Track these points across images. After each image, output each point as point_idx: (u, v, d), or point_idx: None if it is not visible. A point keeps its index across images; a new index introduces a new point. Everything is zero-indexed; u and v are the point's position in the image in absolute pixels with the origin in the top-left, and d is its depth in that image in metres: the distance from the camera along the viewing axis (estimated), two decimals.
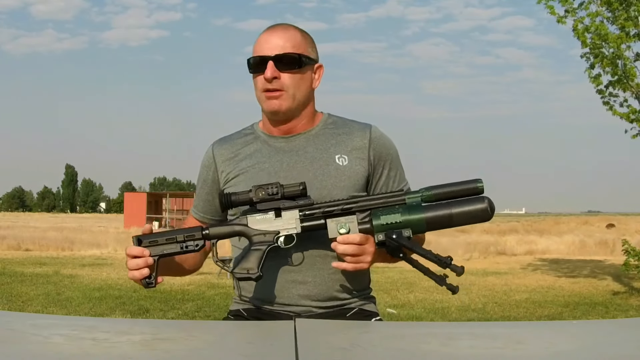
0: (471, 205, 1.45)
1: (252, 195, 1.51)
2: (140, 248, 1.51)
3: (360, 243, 1.48)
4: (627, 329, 1.52)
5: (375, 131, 1.70)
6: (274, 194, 1.51)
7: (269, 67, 1.61)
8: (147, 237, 1.53)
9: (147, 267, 1.51)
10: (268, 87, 1.62)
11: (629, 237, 12.54)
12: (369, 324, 1.61)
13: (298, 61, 1.63)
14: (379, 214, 1.46)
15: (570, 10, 9.67)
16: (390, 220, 1.44)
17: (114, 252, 17.31)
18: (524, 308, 8.11)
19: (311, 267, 1.61)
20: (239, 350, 1.22)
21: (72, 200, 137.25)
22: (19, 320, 1.52)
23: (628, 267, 9.26)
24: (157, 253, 1.52)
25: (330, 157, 1.65)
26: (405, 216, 1.44)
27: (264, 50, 1.63)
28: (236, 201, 1.53)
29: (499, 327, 1.70)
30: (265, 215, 1.52)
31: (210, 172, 1.73)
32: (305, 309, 1.62)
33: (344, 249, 1.48)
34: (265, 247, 1.51)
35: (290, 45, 1.63)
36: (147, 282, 1.52)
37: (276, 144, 1.68)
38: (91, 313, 7.41)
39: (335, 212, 1.50)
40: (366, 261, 1.51)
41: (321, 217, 1.51)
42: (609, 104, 9.78)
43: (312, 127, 1.70)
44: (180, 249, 1.53)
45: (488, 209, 1.44)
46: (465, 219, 1.45)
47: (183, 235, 1.53)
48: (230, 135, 1.77)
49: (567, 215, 69.48)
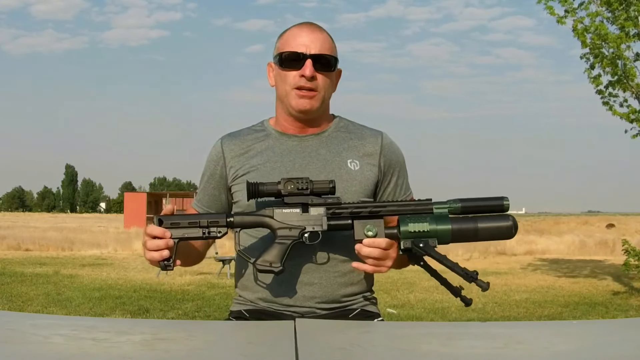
0: (497, 222, 1.47)
1: (281, 188, 1.50)
2: (161, 229, 1.48)
3: (386, 248, 1.48)
4: (627, 329, 1.52)
5: (386, 138, 1.71)
6: (303, 188, 1.49)
7: (308, 65, 1.60)
8: (169, 218, 1.50)
9: (168, 248, 1.48)
10: (303, 85, 1.61)
11: (629, 237, 12.53)
12: (369, 324, 1.61)
13: (333, 64, 1.65)
14: (407, 220, 1.46)
15: (570, 11, 9.67)
16: (417, 229, 1.45)
17: (114, 252, 17.30)
18: (524, 308, 8.11)
19: (318, 268, 1.61)
20: (239, 350, 1.22)
21: (72, 200, 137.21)
22: (19, 320, 1.52)
23: (628, 267, 9.25)
24: (178, 236, 1.49)
25: (342, 161, 1.65)
26: (433, 226, 1.45)
27: (299, 46, 1.61)
28: (264, 191, 1.50)
29: (499, 327, 1.70)
30: (292, 209, 1.51)
31: (219, 167, 1.71)
32: (308, 309, 1.62)
33: (369, 252, 1.48)
34: (290, 241, 1.50)
35: (327, 47, 1.64)
36: (165, 264, 1.49)
37: (289, 143, 1.68)
38: (91, 313, 7.40)
39: (362, 213, 1.50)
40: (387, 266, 1.51)
41: (348, 217, 1.50)
42: (609, 104, 9.77)
43: (325, 129, 1.70)
44: (202, 234, 1.50)
45: (512, 228, 1.47)
46: (490, 235, 1.47)
47: (207, 220, 1.50)
48: (239, 131, 1.75)
49: (567, 215, 69.47)
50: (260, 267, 1.51)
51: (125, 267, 12.96)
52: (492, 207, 1.50)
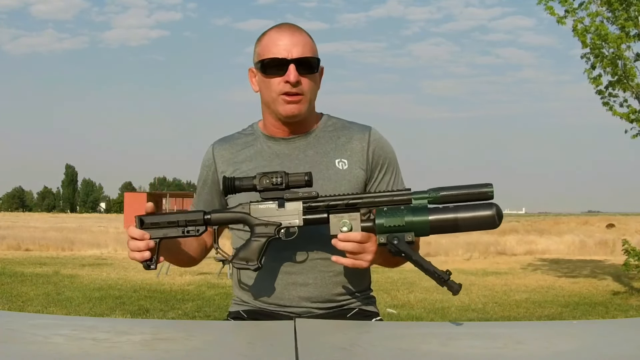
0: (478, 211, 1.39)
1: (256, 183, 1.49)
2: (141, 231, 1.50)
3: (361, 241, 1.45)
4: (627, 329, 1.52)
5: (374, 133, 1.69)
6: (278, 183, 1.47)
7: (292, 71, 1.57)
8: (150, 218, 1.52)
9: (149, 249, 1.50)
10: (289, 91, 1.59)
11: (629, 237, 12.51)
12: (369, 324, 1.61)
13: (316, 65, 1.62)
14: (383, 213, 1.41)
15: (570, 11, 9.66)
16: (393, 223, 1.39)
17: (114, 252, 17.29)
18: (524, 308, 8.10)
19: (312, 269, 1.61)
20: (239, 350, 1.22)
21: (72, 200, 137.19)
22: (19, 320, 1.52)
23: (628, 267, 9.24)
24: (158, 236, 1.51)
25: (330, 162, 1.64)
26: (410, 217, 1.39)
27: (281, 52, 1.59)
28: (239, 186, 1.50)
29: (499, 327, 1.69)
30: (268, 205, 1.50)
31: (211, 172, 1.72)
32: (305, 310, 1.62)
33: (344, 246, 1.45)
34: (265, 238, 1.49)
35: (308, 48, 1.61)
36: (147, 264, 1.52)
37: (277, 147, 1.67)
38: (91, 313, 7.40)
39: (339, 206, 1.47)
40: (366, 260, 1.47)
41: (324, 211, 1.47)
42: (609, 104, 9.76)
43: (312, 129, 1.69)
44: (181, 233, 1.52)
45: (495, 217, 1.38)
46: (471, 226, 1.39)
47: (185, 219, 1.51)
48: (230, 136, 1.75)
49: (567, 215, 69.43)
50: (237, 265, 1.52)
51: (125, 267, 12.95)
52: (476, 195, 1.41)
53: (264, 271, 1.61)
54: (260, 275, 1.63)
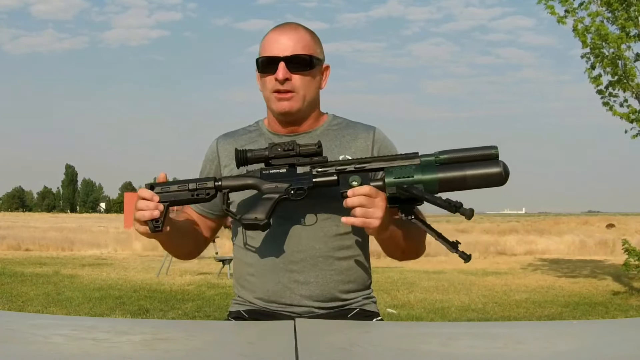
0: (485, 168, 1.42)
1: (268, 153, 1.52)
2: (150, 192, 1.51)
3: (369, 194, 1.44)
4: (627, 329, 1.52)
5: (378, 133, 1.71)
6: (290, 149, 1.50)
7: (281, 68, 1.60)
8: (160, 185, 1.53)
9: (158, 210, 1.50)
10: (279, 88, 1.61)
11: (629, 237, 12.50)
12: (369, 324, 1.61)
13: (309, 62, 1.63)
14: (392, 171, 1.44)
15: (571, 10, 9.67)
16: (403, 181, 1.42)
17: (114, 252, 17.30)
18: (524, 308, 8.10)
19: (313, 267, 1.61)
20: (239, 350, 1.22)
21: (72, 200, 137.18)
22: (19, 320, 1.52)
23: (628, 267, 9.24)
24: (168, 199, 1.52)
25: (334, 158, 1.65)
26: (419, 175, 1.42)
27: (273, 50, 1.62)
28: (252, 158, 1.52)
29: (499, 327, 1.70)
30: (279, 170, 1.52)
31: (214, 166, 1.73)
32: (306, 309, 1.62)
33: (353, 200, 1.45)
34: (277, 196, 1.51)
35: (301, 46, 1.62)
36: (154, 225, 1.50)
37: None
38: (91, 313, 7.40)
39: (348, 170, 1.50)
40: (376, 216, 1.45)
41: (334, 174, 1.50)
42: (609, 104, 9.77)
43: (317, 127, 1.70)
44: (191, 197, 1.53)
45: (502, 172, 1.42)
46: (479, 182, 1.42)
47: (195, 183, 1.53)
48: (235, 131, 1.77)
49: (567, 215, 69.44)
50: (245, 222, 1.52)
51: (125, 267, 12.95)
52: (482, 157, 1.44)
53: (265, 269, 1.62)
54: (261, 273, 1.64)
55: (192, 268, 12.24)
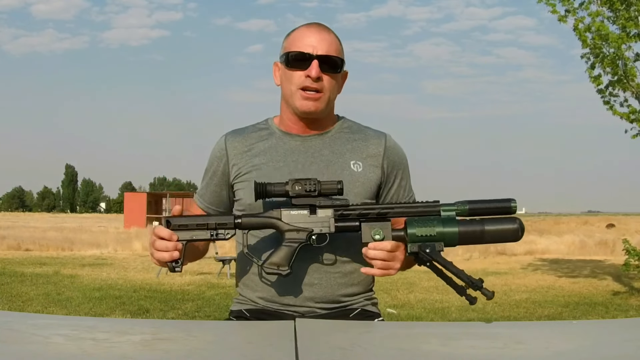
0: (503, 224, 1.47)
1: (289, 189, 1.50)
2: (169, 231, 1.49)
3: (392, 250, 1.48)
4: (627, 329, 1.52)
5: (390, 140, 1.71)
6: (311, 190, 1.49)
7: (315, 66, 1.60)
8: (177, 220, 1.50)
9: (177, 250, 1.49)
10: (309, 85, 1.61)
11: (629, 237, 12.50)
12: (369, 323, 1.61)
13: (340, 65, 1.64)
14: (415, 224, 1.46)
15: (571, 10, 9.67)
16: (425, 233, 1.45)
17: (114, 252, 17.29)
18: (524, 308, 8.11)
19: (318, 269, 1.61)
20: (239, 350, 1.22)
21: (72, 200, 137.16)
22: (19, 320, 1.52)
23: (628, 267, 9.25)
24: (186, 238, 1.49)
25: (345, 163, 1.65)
26: (440, 229, 1.45)
27: (307, 47, 1.61)
28: (271, 192, 1.50)
29: (499, 327, 1.70)
30: (300, 211, 1.51)
31: (222, 164, 1.71)
32: (309, 309, 1.62)
33: (375, 254, 1.48)
34: (297, 244, 1.50)
35: (334, 48, 1.64)
36: (174, 265, 1.49)
37: (292, 143, 1.68)
38: (91, 313, 7.40)
39: (370, 215, 1.50)
40: (395, 268, 1.50)
41: (356, 219, 1.50)
42: (609, 104, 9.76)
43: (329, 130, 1.70)
44: (210, 236, 1.50)
45: (519, 230, 1.47)
46: (496, 237, 1.48)
47: (215, 222, 1.50)
48: (244, 128, 1.75)
49: (567, 215, 69.44)
50: (268, 270, 1.51)
51: (125, 267, 12.95)
52: (500, 209, 1.49)
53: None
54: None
55: (192, 268, 12.22)
